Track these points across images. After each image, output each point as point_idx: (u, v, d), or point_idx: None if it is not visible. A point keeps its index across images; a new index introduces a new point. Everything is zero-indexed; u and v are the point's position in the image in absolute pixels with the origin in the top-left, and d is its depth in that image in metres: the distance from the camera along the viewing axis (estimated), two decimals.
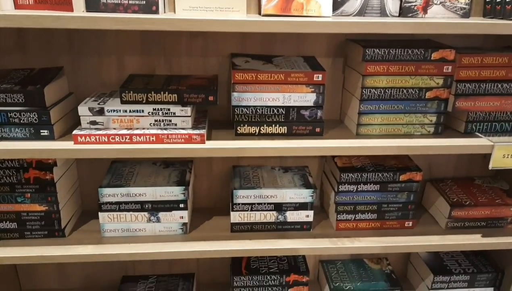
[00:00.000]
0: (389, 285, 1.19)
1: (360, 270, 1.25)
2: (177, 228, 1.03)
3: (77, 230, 1.03)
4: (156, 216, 1.00)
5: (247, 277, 1.13)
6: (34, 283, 1.20)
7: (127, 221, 1.00)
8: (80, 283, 1.22)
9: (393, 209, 1.08)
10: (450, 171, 1.23)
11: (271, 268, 1.15)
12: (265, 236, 1.05)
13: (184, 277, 1.22)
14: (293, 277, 1.14)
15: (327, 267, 1.26)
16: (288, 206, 1.05)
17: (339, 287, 1.18)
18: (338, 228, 1.09)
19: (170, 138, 0.87)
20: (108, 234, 1.01)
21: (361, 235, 1.07)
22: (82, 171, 1.10)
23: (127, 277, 1.22)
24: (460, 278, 1.18)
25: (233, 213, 1.04)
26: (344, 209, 1.07)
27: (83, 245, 0.97)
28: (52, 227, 0.97)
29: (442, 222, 1.11)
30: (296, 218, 1.06)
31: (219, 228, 1.07)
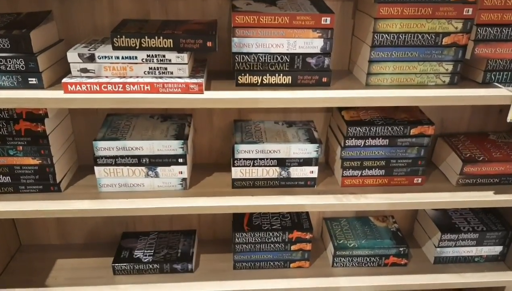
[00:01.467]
0: (395, 243, 1.16)
1: (365, 228, 1.22)
2: (177, 183, 0.99)
3: (74, 185, 1.00)
4: (154, 171, 0.97)
5: (249, 234, 1.10)
6: (33, 239, 1.19)
7: (124, 176, 0.96)
8: (80, 239, 1.21)
9: (402, 165, 1.03)
10: (463, 126, 1.17)
11: (274, 225, 1.12)
12: (268, 192, 1.01)
13: (185, 233, 1.20)
14: (296, 234, 1.11)
15: (331, 225, 1.23)
16: (291, 161, 1.01)
17: (343, 244, 1.16)
18: (344, 184, 1.04)
19: (166, 87, 0.81)
20: (105, 189, 0.98)
21: (368, 191, 1.03)
22: (76, 124, 1.06)
23: (127, 233, 1.20)
24: (468, 236, 1.14)
25: (234, 169, 1.00)
26: (350, 164, 1.02)
27: (80, 200, 0.94)
28: (47, 182, 0.94)
29: (453, 179, 1.06)
30: (300, 174, 1.02)
31: (220, 184, 1.04)
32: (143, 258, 1.11)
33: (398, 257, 1.16)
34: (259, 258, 1.13)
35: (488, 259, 1.18)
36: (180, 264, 1.11)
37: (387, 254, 1.15)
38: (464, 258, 1.17)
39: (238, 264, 1.14)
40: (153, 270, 1.10)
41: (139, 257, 1.11)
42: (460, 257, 1.17)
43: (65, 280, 1.07)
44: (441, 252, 1.16)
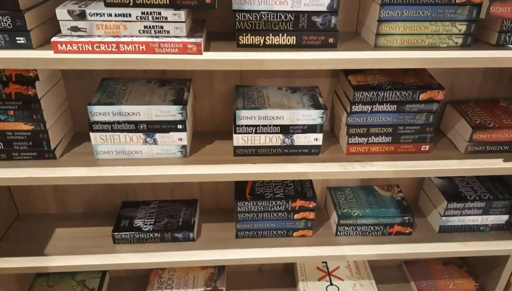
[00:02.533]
0: (400, 212, 1.14)
1: (370, 197, 1.20)
2: (176, 150, 0.96)
3: (69, 152, 0.97)
4: (152, 138, 0.93)
5: (252, 203, 1.08)
6: (31, 208, 1.17)
7: (121, 143, 0.93)
8: (79, 208, 1.19)
9: (409, 132, 0.99)
10: (473, 92, 1.12)
11: (277, 194, 1.10)
12: (271, 160, 0.98)
13: (187, 202, 1.18)
14: (299, 202, 1.09)
15: (335, 194, 1.21)
16: (295, 128, 0.97)
17: (347, 213, 1.13)
18: (349, 152, 1.01)
19: (162, 47, 0.77)
20: (102, 156, 0.94)
21: (373, 159, 0.99)
22: (71, 89, 1.01)
23: (127, 202, 1.18)
24: (474, 205, 1.12)
25: (236, 136, 0.96)
26: (356, 131, 0.98)
27: (76, 167, 0.91)
28: (41, 148, 0.91)
29: (462, 146, 1.03)
30: (304, 142, 0.99)
31: (221, 152, 1.00)
32: (143, 227, 1.09)
33: (402, 226, 1.14)
34: (262, 227, 1.11)
35: (493, 228, 1.16)
36: (182, 233, 1.09)
37: (391, 223, 1.13)
38: (470, 227, 1.16)
39: (241, 233, 1.12)
40: (154, 239, 1.08)
41: (139, 226, 1.09)
42: (466, 226, 1.15)
43: (65, 249, 1.06)
44: (446, 221, 1.14)
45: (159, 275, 1.28)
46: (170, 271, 1.29)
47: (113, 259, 1.04)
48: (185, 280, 1.26)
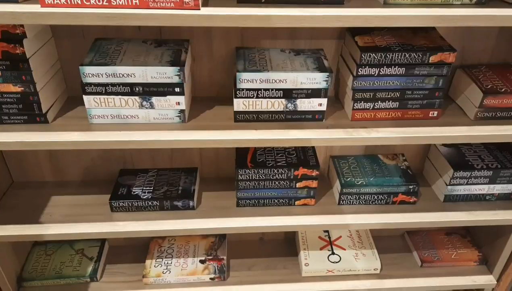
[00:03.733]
0: (405, 180, 1.11)
1: (374, 166, 1.17)
2: (174, 115, 0.92)
3: (62, 117, 0.93)
4: (149, 101, 0.89)
5: (253, 170, 1.05)
6: (26, 176, 1.14)
7: (116, 106, 0.89)
8: (75, 176, 1.16)
9: (417, 96, 0.95)
10: (485, 56, 1.07)
11: (279, 162, 1.07)
12: (273, 126, 0.94)
13: (187, 171, 1.15)
14: (302, 171, 1.06)
15: (338, 163, 1.18)
16: (299, 92, 0.92)
17: (350, 182, 1.11)
18: (354, 118, 0.97)
19: (157, 1, 0.71)
20: (96, 121, 0.90)
21: (379, 125, 0.96)
22: (62, 50, 0.96)
23: (125, 170, 1.15)
24: (481, 174, 1.09)
25: (236, 100, 0.92)
26: (362, 96, 0.94)
27: (69, 132, 0.87)
28: (32, 112, 0.87)
29: (471, 112, 0.98)
30: (307, 107, 0.94)
31: (221, 118, 0.96)
32: (141, 194, 1.06)
33: (407, 195, 1.11)
34: (263, 196, 1.09)
35: (499, 198, 1.14)
36: (181, 201, 1.06)
37: (395, 192, 1.10)
38: (475, 196, 1.13)
39: (242, 201, 1.09)
40: (153, 207, 1.06)
41: (137, 194, 1.07)
42: (471, 195, 1.12)
43: (61, 217, 1.03)
44: (452, 190, 1.11)
45: (159, 244, 1.26)
46: (170, 240, 1.28)
47: (111, 227, 1.02)
48: (185, 249, 1.25)
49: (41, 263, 1.17)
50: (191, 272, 1.18)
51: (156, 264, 1.20)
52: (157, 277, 1.17)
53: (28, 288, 1.14)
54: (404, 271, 1.25)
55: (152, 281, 1.17)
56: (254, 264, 1.26)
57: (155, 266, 1.19)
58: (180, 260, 1.21)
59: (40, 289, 1.13)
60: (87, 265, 1.18)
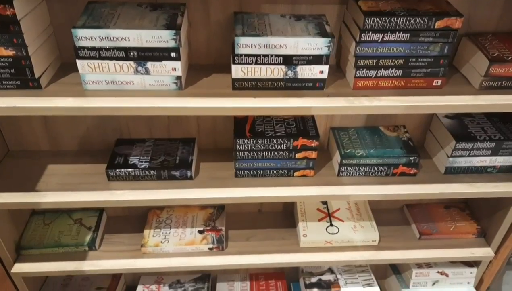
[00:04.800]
0: (405, 152, 1.09)
1: (375, 137, 1.15)
2: (170, 82, 0.89)
3: (55, 83, 0.90)
4: (144, 67, 0.86)
5: (251, 140, 1.03)
6: (21, 144, 1.12)
7: (111, 72, 0.86)
8: (71, 145, 1.14)
9: (421, 64, 0.92)
10: (492, 24, 1.03)
11: (278, 132, 1.05)
12: (272, 94, 0.92)
13: (184, 141, 1.13)
14: (302, 141, 1.04)
15: (338, 134, 1.16)
16: (299, 59, 0.90)
17: (350, 153, 1.09)
18: (356, 86, 0.95)
19: None
20: (90, 87, 0.88)
21: (382, 94, 0.93)
22: (55, 15, 0.92)
23: (122, 139, 1.13)
24: (484, 145, 1.07)
25: (234, 66, 0.90)
26: (364, 63, 0.91)
27: (62, 97, 0.85)
28: (25, 77, 0.84)
29: (476, 81, 0.96)
30: (308, 74, 0.92)
31: (219, 85, 0.94)
32: (139, 164, 1.05)
33: (407, 167, 1.10)
34: (262, 166, 1.07)
35: (501, 170, 1.12)
36: (179, 171, 1.05)
37: (396, 163, 1.09)
38: (477, 169, 1.12)
39: (240, 172, 1.08)
40: (150, 177, 1.05)
41: (134, 163, 1.05)
42: (473, 167, 1.11)
43: (57, 185, 1.02)
44: (453, 162, 1.10)
45: (157, 215, 1.26)
46: (168, 211, 1.28)
47: (108, 196, 1.01)
48: (184, 220, 1.25)
49: (40, 232, 1.17)
50: (190, 242, 1.18)
51: (155, 234, 1.20)
52: (156, 246, 1.17)
53: (27, 256, 1.14)
54: (402, 243, 1.25)
55: (151, 251, 1.17)
56: (253, 235, 1.26)
57: (154, 236, 1.19)
58: (178, 230, 1.21)
59: (39, 257, 1.14)
60: (85, 234, 1.18)
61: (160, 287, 1.34)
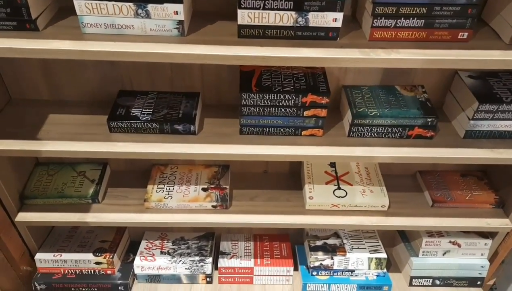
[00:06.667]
0: (422, 113, 1.02)
1: (390, 97, 1.08)
2: (172, 27, 0.84)
3: (53, 25, 0.86)
4: (144, 9, 0.81)
5: (257, 95, 0.98)
6: (23, 93, 1.10)
7: (110, 14, 0.81)
8: (73, 96, 1.11)
9: (447, 14, 0.84)
10: None
11: (286, 87, 0.99)
12: (280, 43, 0.86)
13: (188, 95, 1.09)
14: (311, 97, 0.98)
15: (351, 93, 1.09)
16: (311, 4, 0.83)
17: (363, 112, 1.03)
18: (373, 37, 0.87)
19: None
20: (89, 30, 0.83)
21: (401, 46, 0.86)
22: None
23: (124, 91, 1.09)
24: (510, 108, 0.99)
25: (241, 12, 0.83)
26: (383, 11, 0.84)
27: (60, 40, 0.81)
28: (21, 17, 0.81)
29: (507, 35, 0.87)
30: (320, 22, 0.85)
31: (224, 33, 0.88)
32: (141, 116, 1.01)
33: (424, 129, 1.03)
34: (268, 123, 1.02)
35: None
36: (182, 125, 1.01)
37: (411, 125, 1.02)
38: (500, 133, 1.04)
39: (245, 129, 1.04)
40: (152, 130, 1.01)
41: (136, 115, 1.02)
42: (496, 132, 1.04)
43: (58, 135, 1.00)
44: (475, 125, 1.02)
45: (161, 171, 1.24)
46: (172, 167, 1.25)
47: (109, 147, 0.98)
48: (188, 177, 1.22)
49: (43, 183, 1.17)
50: (193, 198, 1.16)
51: (158, 190, 1.18)
52: (159, 202, 1.15)
53: (30, 206, 1.14)
54: (413, 210, 1.20)
55: (154, 206, 1.16)
56: (257, 195, 1.22)
57: (157, 191, 1.18)
58: (182, 187, 1.19)
59: (42, 207, 1.13)
60: (88, 187, 1.17)
61: (163, 243, 1.34)
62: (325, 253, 1.30)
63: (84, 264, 1.24)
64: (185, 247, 1.34)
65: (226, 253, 1.34)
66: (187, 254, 1.31)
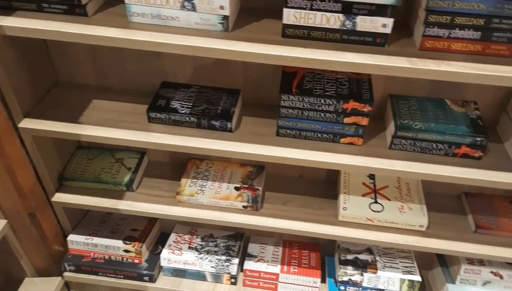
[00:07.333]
0: (472, 131, 0.96)
1: (438, 111, 1.02)
2: (217, 22, 0.84)
3: (102, 12, 0.88)
4: (191, 2, 0.81)
5: (297, 97, 0.96)
6: (70, 76, 1.14)
7: (157, 4, 0.82)
8: (117, 83, 1.14)
9: (506, 27, 0.78)
10: None
11: (328, 91, 0.96)
12: (325, 46, 0.83)
13: (228, 91, 1.08)
14: (353, 104, 0.95)
15: (396, 103, 1.04)
16: (360, 8, 0.79)
17: (407, 124, 0.98)
18: (423, 46, 0.83)
19: None
20: (135, 19, 0.85)
21: (453, 59, 0.81)
22: None
23: (166, 82, 1.10)
24: None
25: (286, 10, 0.82)
26: (437, 20, 0.79)
27: (107, 27, 0.83)
28: (71, 1, 0.83)
29: None
30: (368, 27, 0.82)
31: (268, 31, 0.87)
32: (180, 109, 1.02)
33: (472, 148, 0.96)
34: (306, 127, 1.00)
35: None
36: (219, 121, 1.01)
37: (459, 143, 0.96)
38: None
39: (282, 130, 1.02)
40: (190, 123, 1.02)
41: (176, 107, 1.03)
42: None
43: (99, 120, 1.03)
44: None
45: (197, 165, 1.24)
46: (208, 163, 1.25)
47: (146, 137, 1.00)
48: (222, 174, 1.22)
49: (82, 166, 1.21)
50: (225, 196, 1.16)
51: (191, 184, 1.18)
52: (191, 196, 1.16)
53: (68, 187, 1.18)
54: (454, 233, 1.13)
55: (185, 200, 1.16)
56: (290, 200, 1.20)
57: (190, 185, 1.18)
58: (215, 184, 1.19)
59: (79, 190, 1.17)
60: (124, 174, 1.19)
61: (192, 238, 1.35)
62: (355, 268, 1.25)
63: (113, 250, 1.26)
64: (213, 244, 1.33)
65: (253, 256, 1.32)
66: (214, 252, 1.31)
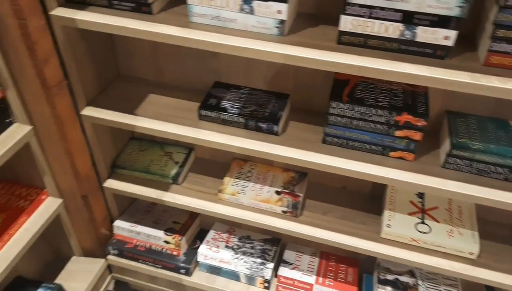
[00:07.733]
0: None
1: (500, 132, 0.95)
2: (273, 26, 0.84)
3: (166, 11, 0.92)
4: (249, 5, 0.83)
5: (347, 105, 0.94)
6: (131, 70, 1.20)
7: (218, 6, 0.85)
8: (173, 80, 1.18)
9: None
10: None
11: (380, 102, 0.93)
12: (381, 55, 0.81)
13: (278, 95, 1.09)
14: (406, 117, 0.91)
15: (453, 119, 0.99)
16: (421, 18, 0.77)
17: (464, 144, 0.92)
18: (488, 62, 0.78)
19: None
20: (196, 19, 0.88)
21: None
22: None
23: (219, 83, 1.13)
24: None
25: (344, 17, 0.81)
26: (505, 34, 0.74)
27: (168, 26, 0.87)
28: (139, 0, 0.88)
29: None
30: (429, 38, 0.78)
31: (323, 37, 0.86)
32: (229, 109, 1.04)
33: None
34: (354, 137, 0.98)
35: None
36: (266, 124, 1.01)
37: None
38: None
39: (328, 138, 1.00)
40: (238, 124, 1.03)
41: (226, 107, 1.05)
42: None
43: (153, 113, 1.07)
44: None
45: (241, 166, 1.26)
46: (251, 165, 1.26)
47: (194, 133, 1.02)
48: (264, 177, 1.22)
49: (133, 156, 1.27)
50: (265, 199, 1.16)
51: (234, 183, 1.20)
52: (232, 195, 1.17)
53: (118, 175, 1.24)
54: (507, 265, 1.05)
55: (227, 198, 1.18)
56: (331, 211, 1.18)
57: (232, 185, 1.20)
58: (256, 186, 1.19)
59: (128, 178, 1.23)
60: (172, 168, 1.23)
61: (230, 237, 1.36)
62: (395, 290, 1.19)
63: (154, 240, 1.31)
64: (249, 246, 1.34)
65: (289, 263, 1.31)
66: (250, 253, 1.32)
